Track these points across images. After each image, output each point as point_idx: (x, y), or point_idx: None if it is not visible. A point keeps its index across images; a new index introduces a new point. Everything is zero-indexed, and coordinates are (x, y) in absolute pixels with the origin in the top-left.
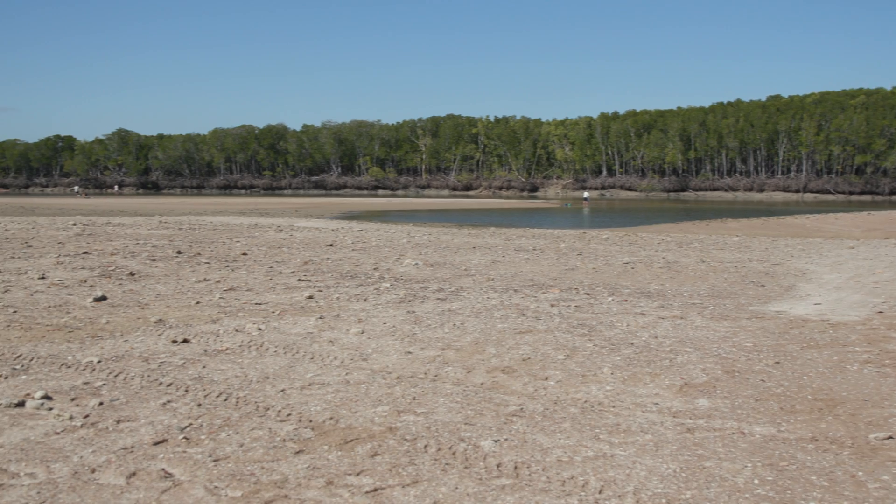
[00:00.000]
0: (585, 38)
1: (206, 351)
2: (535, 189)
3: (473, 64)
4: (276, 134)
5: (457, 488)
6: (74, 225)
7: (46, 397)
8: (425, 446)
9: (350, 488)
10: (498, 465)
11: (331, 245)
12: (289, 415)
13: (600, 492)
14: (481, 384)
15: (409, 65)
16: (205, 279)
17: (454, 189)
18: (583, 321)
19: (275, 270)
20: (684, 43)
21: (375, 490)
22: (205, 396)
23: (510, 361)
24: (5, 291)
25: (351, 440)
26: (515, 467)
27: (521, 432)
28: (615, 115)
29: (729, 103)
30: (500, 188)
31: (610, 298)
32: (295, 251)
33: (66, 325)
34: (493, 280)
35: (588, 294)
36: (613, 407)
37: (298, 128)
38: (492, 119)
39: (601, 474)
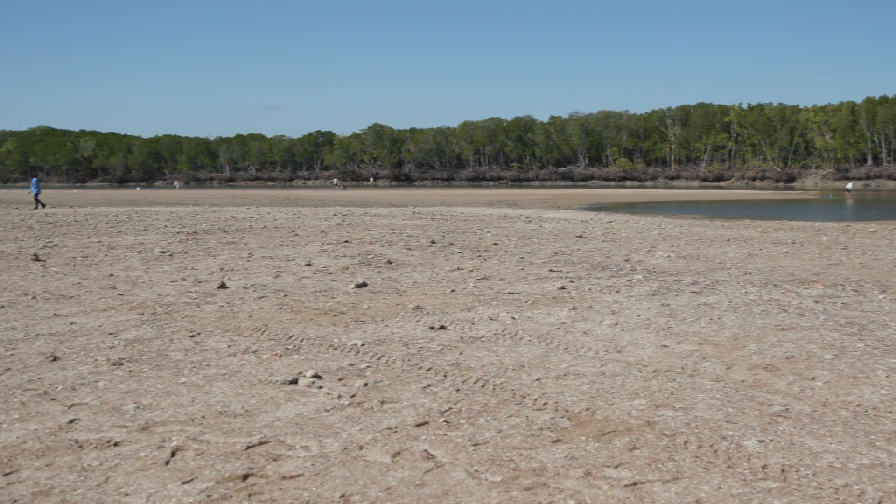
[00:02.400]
0: (845, 16)
1: (462, 338)
2: (791, 179)
3: (723, 51)
4: (523, 126)
5: (720, 488)
6: (335, 215)
7: (316, 376)
8: (685, 442)
9: (608, 480)
10: (763, 467)
11: (580, 236)
12: (545, 404)
13: (879, 503)
14: (742, 381)
15: (658, 53)
16: (458, 268)
17: (704, 180)
18: (851, 319)
19: (526, 261)
20: None
21: (634, 484)
22: (463, 382)
23: (772, 359)
24: (277, 277)
25: (608, 432)
26: (783, 470)
27: (788, 434)
28: (883, 100)
29: None
30: (754, 179)
31: (881, 296)
32: (545, 242)
33: (331, 309)
34: (750, 274)
35: (856, 291)
36: (890, 413)
37: (546, 119)
38: (745, 106)
39: (879, 485)
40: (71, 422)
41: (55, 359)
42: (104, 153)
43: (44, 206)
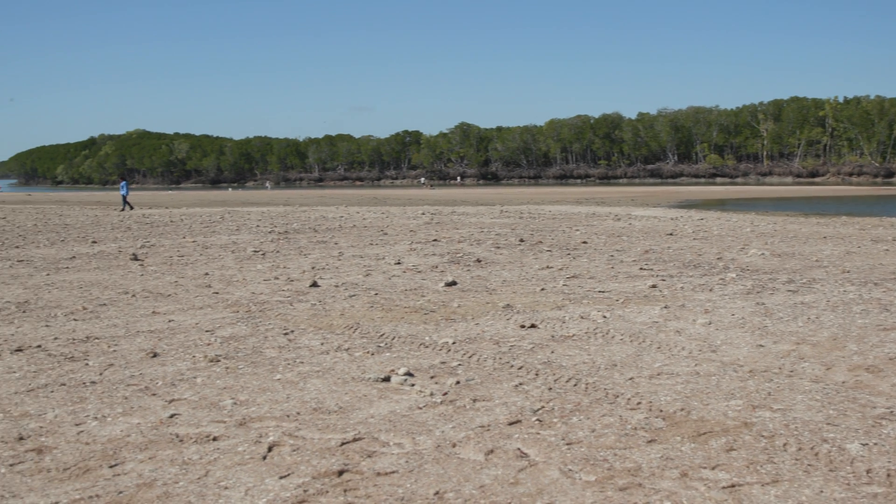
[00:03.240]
0: None
1: (553, 336)
2: (890, 175)
3: (818, 43)
4: (611, 123)
5: (821, 492)
6: (423, 214)
7: (409, 374)
8: (784, 444)
9: (706, 482)
10: (867, 471)
11: (670, 234)
12: (638, 403)
13: None
14: (843, 383)
15: (749, 48)
16: (547, 266)
17: (798, 176)
18: None
19: (615, 259)
20: None
21: (732, 486)
22: (555, 381)
23: (875, 360)
24: (367, 275)
25: (704, 433)
26: (888, 475)
27: (893, 437)
28: None
29: None
30: (850, 174)
31: None
32: (634, 240)
33: (421, 307)
34: (848, 272)
35: None
36: None
37: (634, 116)
38: (840, 100)
39: None
40: (171, 416)
41: (155, 355)
42: (197, 155)
43: (131, 208)
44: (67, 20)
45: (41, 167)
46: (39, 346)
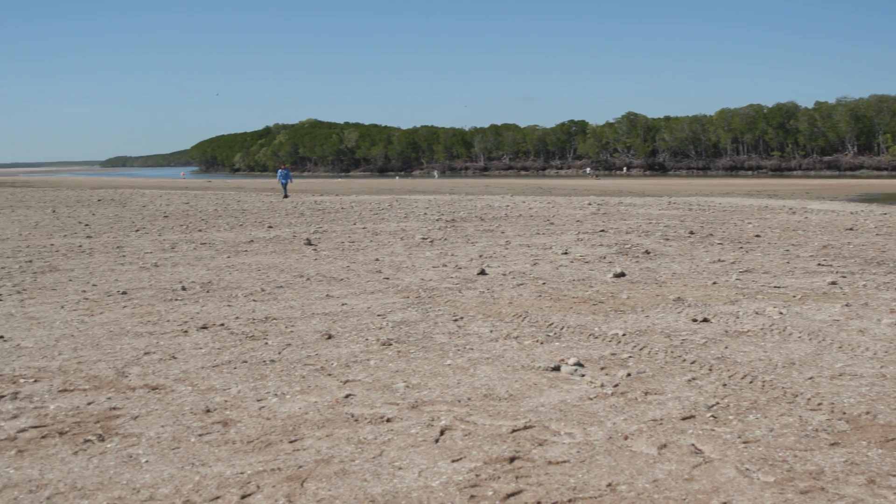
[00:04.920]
0: None
1: (726, 331)
2: None
3: None
4: (785, 112)
5: None
6: (589, 204)
7: (578, 364)
8: None
9: (895, 490)
10: None
11: (850, 229)
12: (819, 404)
13: None
14: None
15: None
16: (718, 260)
17: None
18: None
19: (791, 254)
20: None
21: None
22: (729, 377)
23: None
24: (534, 264)
25: (892, 438)
26: None
27: None
28: None
29: None
30: None
31: None
32: (811, 234)
33: (589, 297)
34: None
35: None
36: None
37: (810, 105)
38: None
39: None
40: (346, 396)
41: (330, 337)
42: (366, 144)
43: (286, 196)
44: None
45: (220, 155)
46: (222, 325)
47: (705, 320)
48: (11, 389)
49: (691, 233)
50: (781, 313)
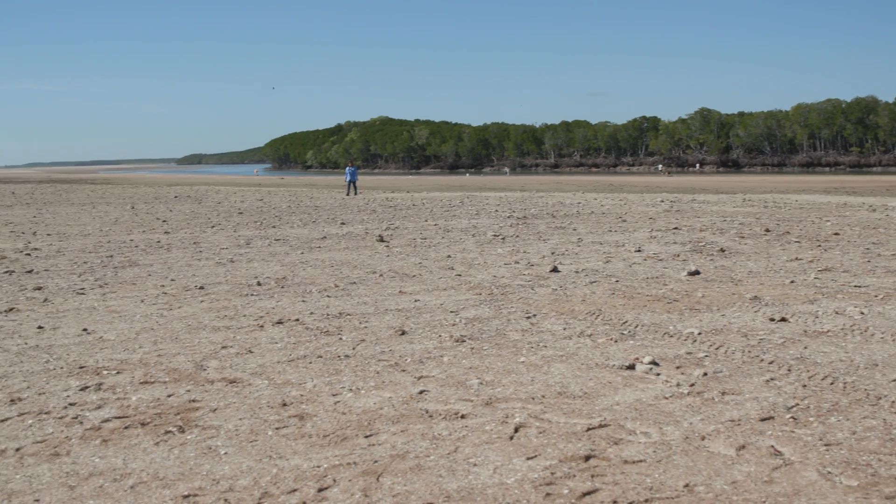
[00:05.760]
0: None
1: (805, 331)
2: None
3: None
4: (864, 107)
5: None
6: (662, 202)
7: (653, 363)
8: None
9: None
10: None
11: None
12: None
13: None
14: None
15: None
16: (796, 258)
17: None
18: None
19: (872, 252)
20: None
21: None
22: (809, 378)
23: None
24: (607, 262)
25: None
26: None
27: None
28: None
29: None
30: None
31: None
32: (893, 232)
33: (663, 296)
34: None
35: None
36: None
37: (890, 99)
38: None
39: None
40: (420, 392)
41: (403, 333)
42: (436, 141)
43: (349, 194)
44: (318, 16)
45: (293, 152)
46: (297, 320)
47: (783, 320)
48: (95, 381)
49: (767, 230)
50: (863, 313)
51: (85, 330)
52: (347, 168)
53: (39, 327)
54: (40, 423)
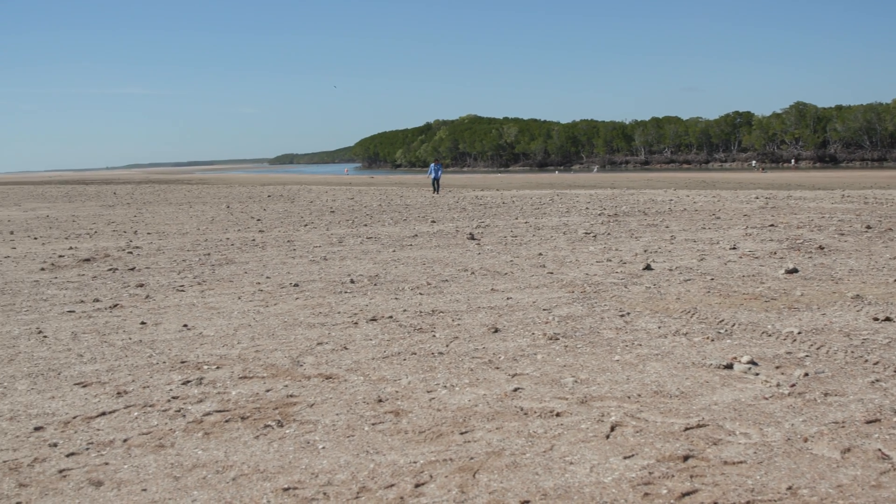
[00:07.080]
0: None
1: None
2: None
3: None
4: None
5: None
6: (756, 198)
7: (752, 363)
8: None
9: None
10: None
11: None
12: None
13: None
14: None
15: None
16: None
17: None
18: None
19: None
20: None
21: None
22: None
23: None
24: (701, 260)
25: None
26: None
27: None
28: None
29: None
30: None
31: None
32: None
33: (760, 294)
34: None
35: None
36: None
37: None
38: None
39: None
40: (515, 390)
41: (496, 330)
42: (525, 139)
43: (436, 191)
44: (408, 16)
45: (382, 151)
46: (391, 317)
47: (888, 319)
48: (196, 375)
49: (868, 227)
50: None
51: (185, 326)
52: (432, 164)
53: (142, 323)
54: (145, 416)
